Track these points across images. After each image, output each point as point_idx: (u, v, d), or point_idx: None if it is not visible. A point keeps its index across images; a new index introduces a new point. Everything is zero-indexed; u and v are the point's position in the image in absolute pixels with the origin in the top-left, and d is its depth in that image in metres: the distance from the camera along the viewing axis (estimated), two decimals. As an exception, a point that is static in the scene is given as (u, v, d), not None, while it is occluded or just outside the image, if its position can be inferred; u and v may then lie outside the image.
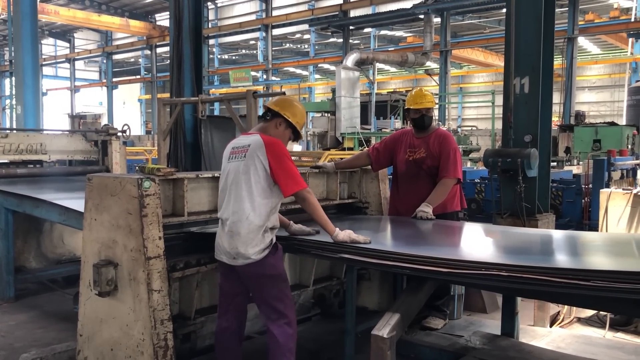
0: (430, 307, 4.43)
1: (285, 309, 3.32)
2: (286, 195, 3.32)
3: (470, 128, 24.90)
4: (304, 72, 37.05)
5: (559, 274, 2.46)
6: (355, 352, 3.77)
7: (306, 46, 33.43)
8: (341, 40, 26.55)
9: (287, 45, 35.41)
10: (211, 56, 32.79)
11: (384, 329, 2.87)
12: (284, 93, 9.32)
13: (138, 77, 38.38)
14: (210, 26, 31.86)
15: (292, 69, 38.19)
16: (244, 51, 37.57)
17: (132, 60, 41.15)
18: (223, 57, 37.31)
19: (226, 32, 30.94)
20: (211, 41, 32.10)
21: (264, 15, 29.51)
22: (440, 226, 4.23)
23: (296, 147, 19.33)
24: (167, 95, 7.81)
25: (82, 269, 3.55)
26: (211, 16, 33.69)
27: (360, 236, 3.32)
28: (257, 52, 31.44)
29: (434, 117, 4.82)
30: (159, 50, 33.17)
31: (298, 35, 32.69)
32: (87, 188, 3.50)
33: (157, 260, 3.26)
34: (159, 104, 6.97)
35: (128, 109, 39.38)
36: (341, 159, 5.55)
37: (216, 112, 28.52)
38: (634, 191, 4.90)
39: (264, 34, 28.54)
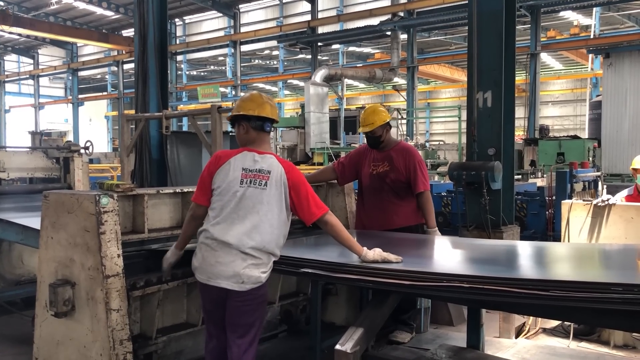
0: (397, 321, 4.43)
1: (258, 334, 3.25)
2: (310, 222, 3.19)
3: (438, 142, 25.24)
4: (273, 88, 37.15)
5: (518, 285, 2.48)
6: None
7: (275, 62, 33.56)
8: (310, 56, 26.72)
9: (256, 61, 35.49)
10: (179, 72, 32.66)
11: (347, 343, 2.84)
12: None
13: (105, 93, 37.90)
14: (178, 42, 31.75)
15: (261, 85, 38.23)
16: (212, 67, 37.51)
17: (99, 76, 40.65)
18: (191, 73, 37.17)
19: (194, 48, 30.86)
20: (179, 57, 31.96)
21: (232, 32, 29.54)
22: (406, 239, 4.24)
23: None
24: (134, 111, 7.72)
25: (38, 289, 3.44)
26: (179, 32, 33.62)
27: (392, 255, 3.16)
28: (225, 68, 31.44)
29: (401, 133, 4.86)
30: (126, 66, 32.86)
31: (267, 52, 32.80)
32: (43, 205, 3.41)
33: (115, 279, 3.18)
34: (123, 120, 6.88)
35: (95, 126, 38.76)
36: (308, 173, 5.54)
37: (184, 129, 28.32)
38: (594, 202, 4.99)
39: (232, 50, 28.57)
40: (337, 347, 2.87)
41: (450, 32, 26.82)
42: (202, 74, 39.49)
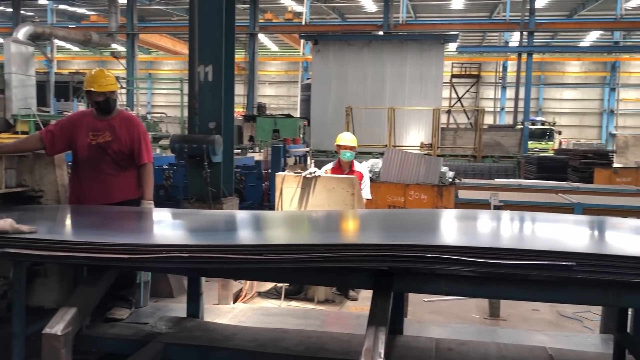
0: (115, 297, 4.25)
1: None
2: None
3: (160, 115, 24.79)
4: (-37, 42, 31.58)
5: (235, 251, 2.60)
6: (28, 356, 3.38)
7: (-35, 12, 28.53)
8: (11, 9, 23.44)
9: (-61, 8, 29.65)
10: None
11: (58, 325, 2.62)
12: None
13: None
14: None
15: (-54, 38, 32.12)
16: None
17: None
18: None
19: None
20: None
21: None
22: (126, 212, 4.09)
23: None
24: None
25: None
26: None
27: (24, 225, 3.02)
28: None
29: (120, 103, 4.68)
30: None
31: (-46, -2, 27.66)
32: None
33: None
34: None
35: None
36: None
37: None
38: (303, 174, 5.51)
39: None
40: (45, 330, 2.63)
41: (173, 3, 26.38)
42: None
